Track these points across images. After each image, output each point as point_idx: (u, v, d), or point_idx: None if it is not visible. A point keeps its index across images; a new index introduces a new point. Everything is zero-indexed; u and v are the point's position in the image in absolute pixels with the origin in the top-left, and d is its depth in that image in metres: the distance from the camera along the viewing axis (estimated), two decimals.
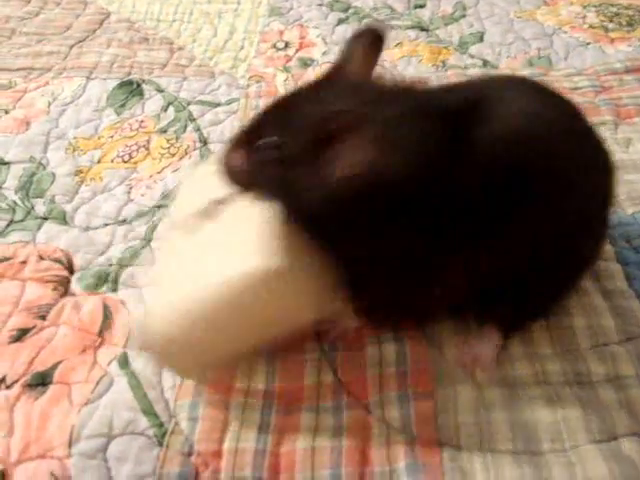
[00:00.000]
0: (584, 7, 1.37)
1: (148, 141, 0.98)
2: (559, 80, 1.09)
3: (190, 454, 0.59)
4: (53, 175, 0.92)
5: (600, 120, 1.00)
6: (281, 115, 0.57)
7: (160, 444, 0.60)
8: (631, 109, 1.03)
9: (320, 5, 1.39)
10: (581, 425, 0.60)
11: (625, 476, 0.56)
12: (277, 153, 0.55)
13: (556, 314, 0.69)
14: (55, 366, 0.66)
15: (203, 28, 1.30)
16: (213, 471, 0.58)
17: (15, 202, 0.88)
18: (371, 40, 0.61)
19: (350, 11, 1.36)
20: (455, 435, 0.60)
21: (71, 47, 1.23)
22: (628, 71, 1.13)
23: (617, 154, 0.92)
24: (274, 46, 1.24)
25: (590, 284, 0.73)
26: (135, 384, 0.65)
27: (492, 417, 0.61)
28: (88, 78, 1.14)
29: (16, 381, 0.65)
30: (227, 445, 0.59)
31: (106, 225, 0.84)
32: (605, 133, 0.97)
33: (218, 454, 0.59)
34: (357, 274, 0.59)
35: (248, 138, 0.58)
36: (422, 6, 1.38)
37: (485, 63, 1.17)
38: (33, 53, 1.21)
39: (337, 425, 0.61)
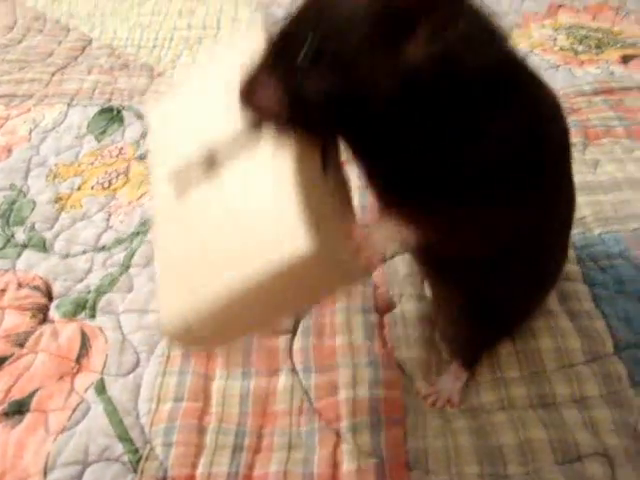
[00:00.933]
0: (555, 30, 1.40)
1: (127, 168, 1.00)
2: None
3: (164, 479, 0.60)
4: (34, 202, 0.94)
5: None
6: (316, 16, 0.47)
7: (135, 470, 0.61)
8: (599, 130, 1.05)
9: None
10: (545, 447, 0.62)
11: None
12: (326, 59, 0.45)
13: (523, 337, 0.71)
14: (32, 394, 0.68)
15: (183, 54, 1.32)
16: None
17: None
18: None
19: None
20: (424, 459, 0.61)
21: (53, 74, 1.25)
22: (596, 93, 1.16)
23: (585, 175, 0.94)
24: None
25: (557, 306, 0.75)
26: (111, 410, 0.66)
27: (459, 442, 0.63)
28: (69, 105, 1.15)
29: None
30: (201, 470, 0.61)
31: (85, 252, 0.85)
32: (574, 155, 0.99)
33: (192, 479, 0.60)
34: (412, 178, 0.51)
35: (277, 60, 0.48)
36: None
37: None
38: (15, 80, 1.23)
39: (309, 449, 0.62)
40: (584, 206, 0.89)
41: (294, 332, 0.73)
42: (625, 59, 1.28)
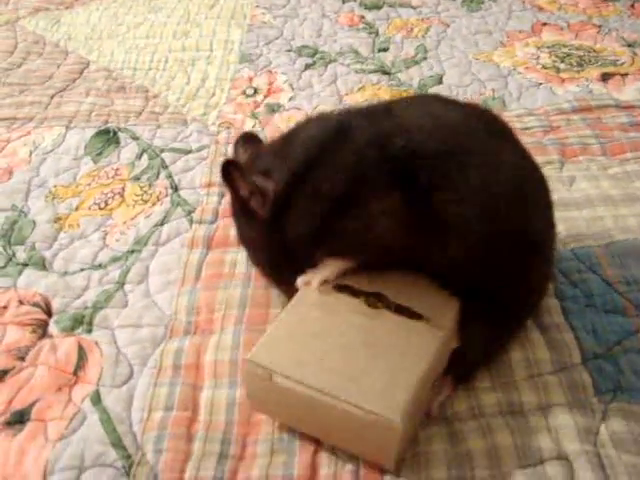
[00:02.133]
0: (538, 48, 1.45)
1: (123, 188, 1.04)
2: (511, 120, 1.13)
3: None
4: (34, 223, 0.98)
5: (546, 159, 1.06)
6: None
7: (127, 475, 0.65)
8: (576, 148, 1.10)
9: (289, 51, 1.46)
10: (511, 452, 0.66)
11: None
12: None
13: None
14: (32, 404, 0.72)
15: (177, 76, 1.37)
16: None
17: None
18: (245, 140, 0.81)
19: (317, 56, 1.43)
20: (397, 465, 0.65)
21: (52, 97, 1.30)
22: (575, 111, 1.20)
23: (561, 192, 0.98)
24: (244, 92, 1.31)
25: (529, 319, 0.79)
26: (106, 419, 0.70)
27: (431, 449, 0.66)
28: (67, 127, 1.20)
29: None
30: (188, 474, 0.65)
31: (82, 270, 0.90)
32: (551, 172, 1.04)
33: None
34: None
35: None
36: (385, 50, 1.46)
37: None
38: (16, 103, 1.28)
39: (290, 454, 0.67)
40: (559, 222, 0.92)
41: None
42: (604, 77, 1.33)
